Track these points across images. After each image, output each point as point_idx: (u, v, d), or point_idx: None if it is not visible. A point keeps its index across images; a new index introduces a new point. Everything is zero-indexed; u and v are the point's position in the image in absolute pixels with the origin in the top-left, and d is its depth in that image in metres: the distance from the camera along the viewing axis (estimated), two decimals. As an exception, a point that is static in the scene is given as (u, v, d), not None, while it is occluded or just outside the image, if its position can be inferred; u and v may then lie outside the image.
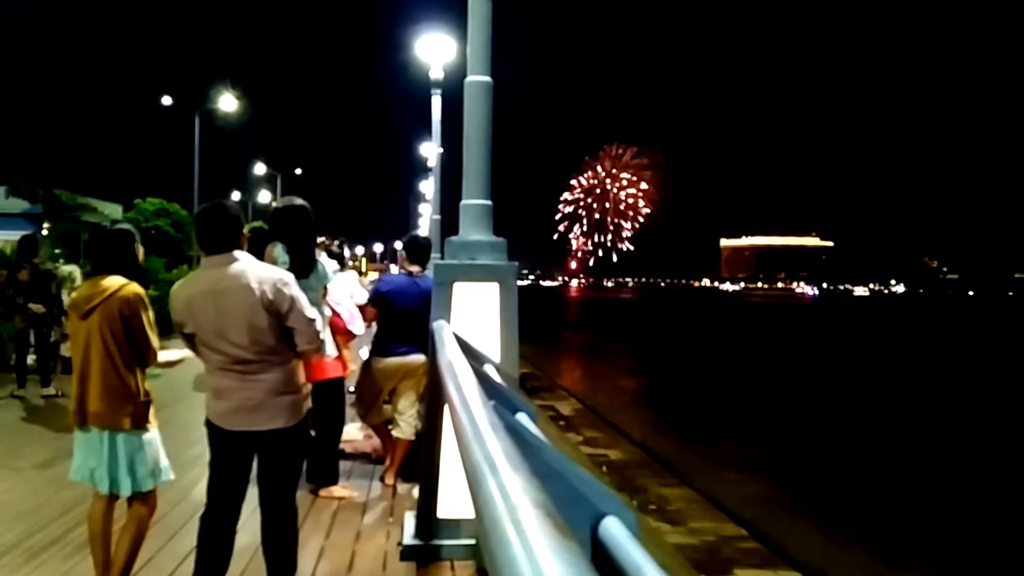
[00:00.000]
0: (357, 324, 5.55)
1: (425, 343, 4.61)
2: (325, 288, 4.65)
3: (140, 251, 3.62)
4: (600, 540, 1.12)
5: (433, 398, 3.90)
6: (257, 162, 44.51)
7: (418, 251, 5.64)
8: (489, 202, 4.26)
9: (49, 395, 8.37)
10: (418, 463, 4.70)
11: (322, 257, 4.65)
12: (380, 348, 5.46)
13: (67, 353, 8.33)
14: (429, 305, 4.42)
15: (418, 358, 5.27)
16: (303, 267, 4.12)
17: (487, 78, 4.23)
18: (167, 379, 4.08)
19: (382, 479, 5.47)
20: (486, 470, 0.92)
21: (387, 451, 5.65)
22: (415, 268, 5.55)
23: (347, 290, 5.63)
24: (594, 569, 0.66)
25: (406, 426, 5.38)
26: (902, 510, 8.57)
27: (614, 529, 1.11)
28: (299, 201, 4.31)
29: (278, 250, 4.21)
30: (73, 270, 9.75)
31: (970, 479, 10.21)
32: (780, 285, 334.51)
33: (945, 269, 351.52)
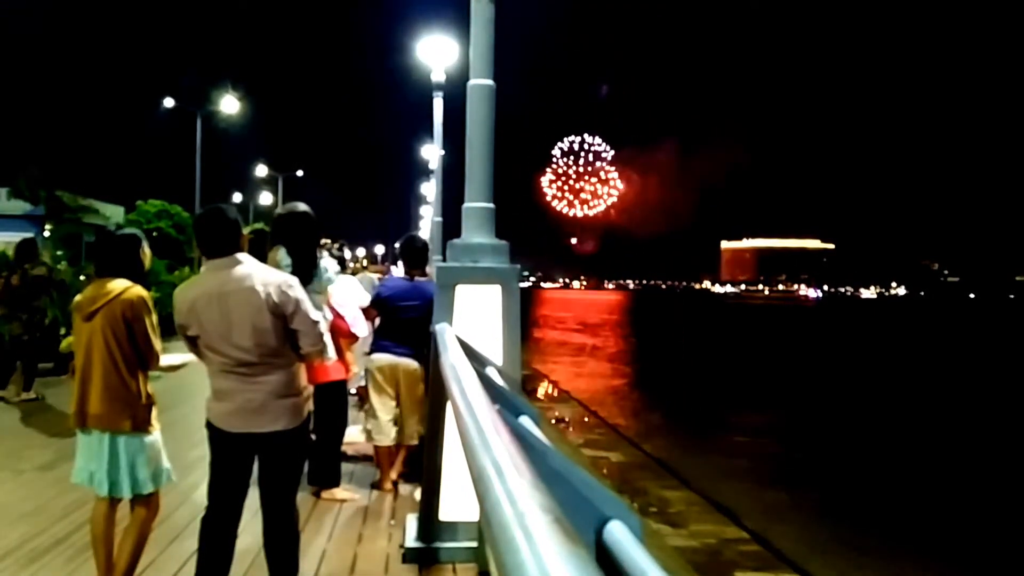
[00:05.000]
0: (360, 326, 5.54)
1: (424, 347, 4.61)
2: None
3: (148, 254, 3.62)
4: (605, 544, 1.12)
5: (435, 400, 3.91)
6: (259, 164, 44.56)
7: (416, 256, 5.53)
8: (491, 205, 4.27)
9: (29, 399, 8.31)
10: (419, 465, 4.70)
11: (324, 259, 4.64)
12: (375, 346, 5.44)
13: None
14: (430, 310, 4.41)
15: (410, 363, 5.23)
16: (305, 274, 4.12)
17: (490, 81, 4.24)
18: (170, 381, 4.08)
19: (380, 487, 5.38)
20: (493, 475, 0.92)
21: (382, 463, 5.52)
22: (416, 272, 5.50)
23: (350, 292, 5.62)
24: (601, 573, 0.67)
25: (382, 436, 5.31)
26: (905, 512, 8.56)
27: (619, 533, 1.12)
28: (302, 207, 4.30)
29: (281, 254, 4.22)
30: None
31: (972, 482, 10.20)
32: (781, 287, 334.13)
33: (946, 272, 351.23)
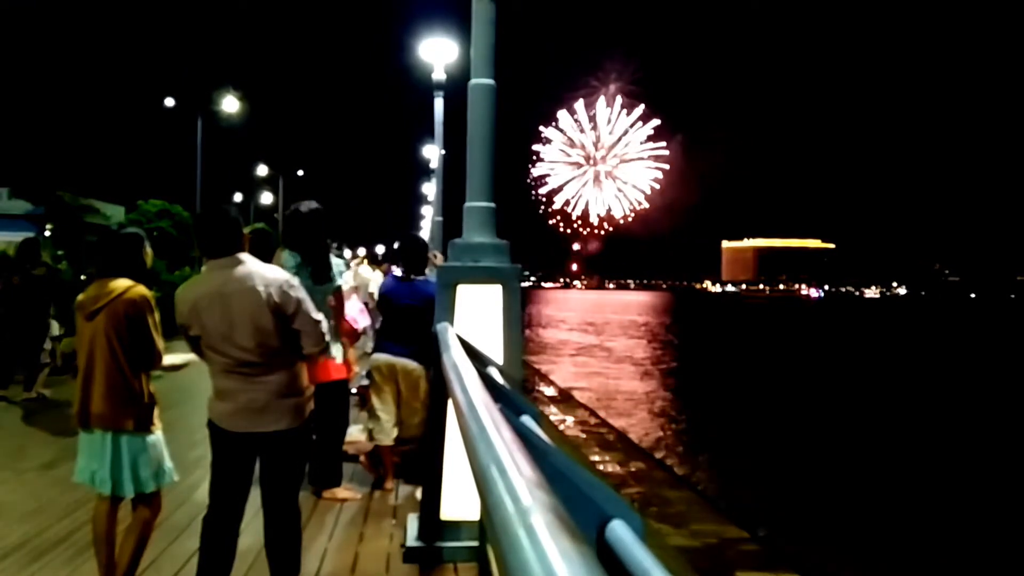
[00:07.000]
0: (361, 319, 5.57)
1: (423, 345, 4.60)
2: (339, 289, 4.63)
3: (149, 254, 3.63)
4: (607, 543, 1.12)
5: (436, 400, 3.91)
6: (259, 164, 44.52)
7: (415, 257, 5.45)
8: (492, 204, 4.27)
9: (30, 398, 8.30)
10: (420, 465, 4.69)
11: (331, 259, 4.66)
12: (376, 345, 5.48)
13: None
14: (426, 306, 4.42)
15: (408, 362, 5.22)
16: (321, 273, 4.15)
17: (491, 81, 4.25)
18: (170, 381, 4.08)
19: (382, 488, 5.39)
20: (495, 473, 0.93)
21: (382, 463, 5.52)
22: (414, 273, 5.46)
23: (349, 285, 5.63)
24: (604, 572, 0.67)
25: (383, 435, 5.33)
26: (901, 514, 8.56)
27: (621, 532, 1.11)
28: (313, 205, 4.35)
29: (285, 255, 4.24)
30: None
31: (970, 483, 10.20)
32: (782, 287, 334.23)
33: (947, 271, 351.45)
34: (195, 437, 5.35)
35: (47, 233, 23.24)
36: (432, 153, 25.81)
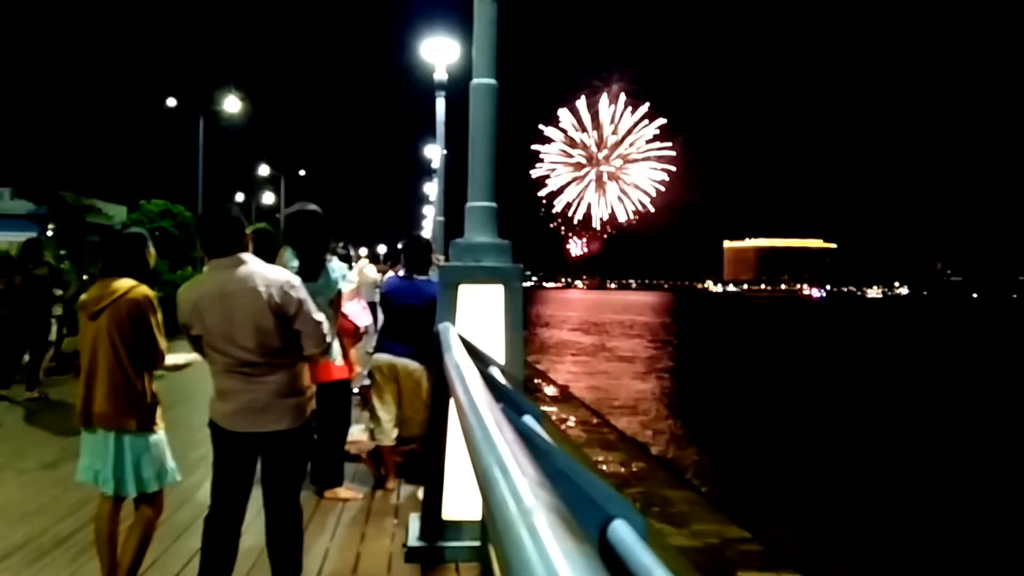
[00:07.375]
0: (362, 317, 5.57)
1: (424, 345, 4.61)
2: (340, 293, 4.64)
3: (152, 254, 3.64)
4: (609, 543, 1.12)
5: (438, 399, 3.91)
6: (261, 164, 44.52)
7: (418, 257, 5.48)
8: (494, 204, 4.28)
9: (32, 398, 8.30)
10: (421, 465, 4.70)
11: (334, 261, 4.65)
12: (378, 345, 5.50)
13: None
14: (427, 306, 4.41)
15: (409, 362, 5.23)
16: (311, 270, 4.14)
17: (492, 81, 4.25)
18: (171, 381, 4.08)
19: (384, 488, 5.39)
20: (497, 473, 0.93)
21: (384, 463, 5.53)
22: (417, 273, 5.47)
23: (351, 284, 5.63)
24: (606, 572, 0.67)
25: (384, 435, 5.33)
26: (901, 514, 8.55)
27: (623, 532, 1.12)
28: (311, 206, 4.35)
29: (288, 255, 4.25)
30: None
31: (970, 483, 10.18)
32: (783, 287, 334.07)
33: (949, 271, 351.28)
34: (197, 437, 5.35)
35: (49, 233, 23.27)
36: (434, 153, 25.84)
